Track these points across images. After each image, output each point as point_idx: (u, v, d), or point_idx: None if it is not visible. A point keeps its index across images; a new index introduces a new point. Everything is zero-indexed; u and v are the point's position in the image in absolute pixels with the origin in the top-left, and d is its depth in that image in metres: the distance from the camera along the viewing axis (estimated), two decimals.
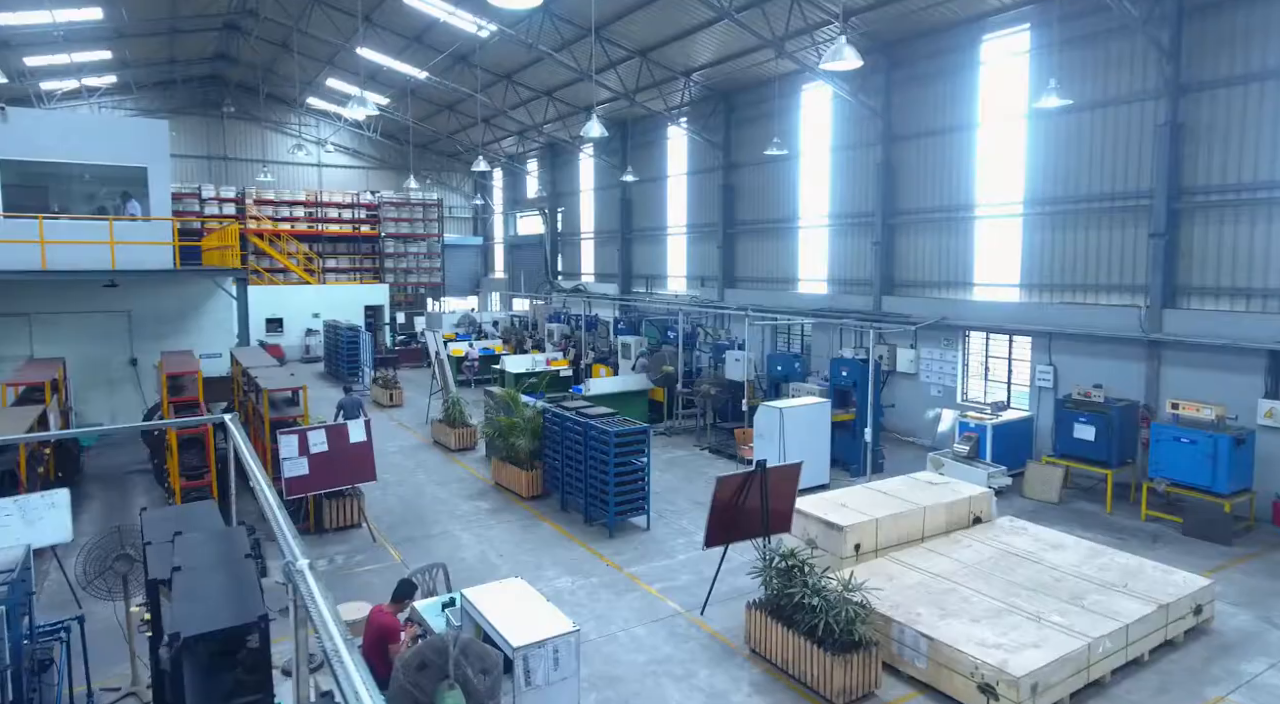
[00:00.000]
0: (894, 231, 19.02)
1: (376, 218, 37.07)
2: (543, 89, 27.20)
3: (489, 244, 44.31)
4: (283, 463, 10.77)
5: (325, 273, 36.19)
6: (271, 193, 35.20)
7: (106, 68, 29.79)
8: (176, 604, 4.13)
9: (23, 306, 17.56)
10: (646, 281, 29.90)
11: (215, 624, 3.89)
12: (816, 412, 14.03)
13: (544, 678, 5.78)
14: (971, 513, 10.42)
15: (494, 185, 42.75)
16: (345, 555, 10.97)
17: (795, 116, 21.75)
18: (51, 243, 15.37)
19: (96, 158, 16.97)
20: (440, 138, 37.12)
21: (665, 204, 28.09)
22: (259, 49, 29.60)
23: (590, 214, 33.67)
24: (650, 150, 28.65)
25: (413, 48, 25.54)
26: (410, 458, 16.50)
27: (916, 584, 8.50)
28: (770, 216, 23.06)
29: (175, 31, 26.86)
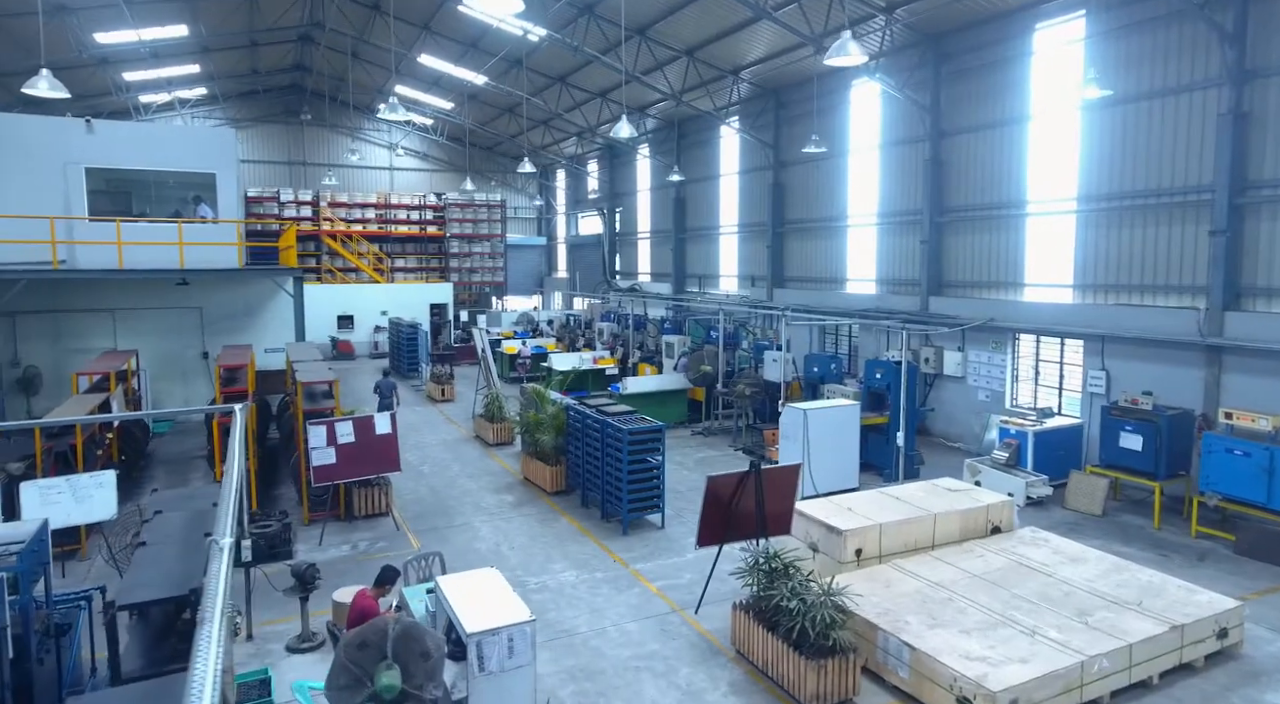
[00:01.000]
0: (942, 230, 18.41)
1: (442, 219, 38.29)
2: (596, 91, 27.53)
3: (552, 244, 45.10)
4: (311, 452, 11.34)
5: (394, 272, 37.66)
6: (345, 195, 36.87)
7: (195, 80, 31.89)
8: (127, 576, 4.49)
9: (107, 303, 19.04)
10: (699, 281, 29.85)
11: (150, 595, 4.21)
12: (844, 414, 13.75)
13: (498, 665, 5.95)
14: (990, 522, 10.03)
15: (557, 186, 43.51)
16: (369, 542, 11.47)
17: (844, 113, 21.31)
18: (128, 244, 16.62)
19: (170, 165, 18.25)
20: (503, 140, 38.05)
21: (717, 203, 27.99)
22: (330, 59, 31.07)
23: (647, 214, 33.86)
24: (703, 150, 28.59)
25: (470, 53, 26.30)
26: (449, 451, 17.04)
27: (913, 592, 8.27)
28: (819, 215, 22.67)
29: (254, 44, 28.52)
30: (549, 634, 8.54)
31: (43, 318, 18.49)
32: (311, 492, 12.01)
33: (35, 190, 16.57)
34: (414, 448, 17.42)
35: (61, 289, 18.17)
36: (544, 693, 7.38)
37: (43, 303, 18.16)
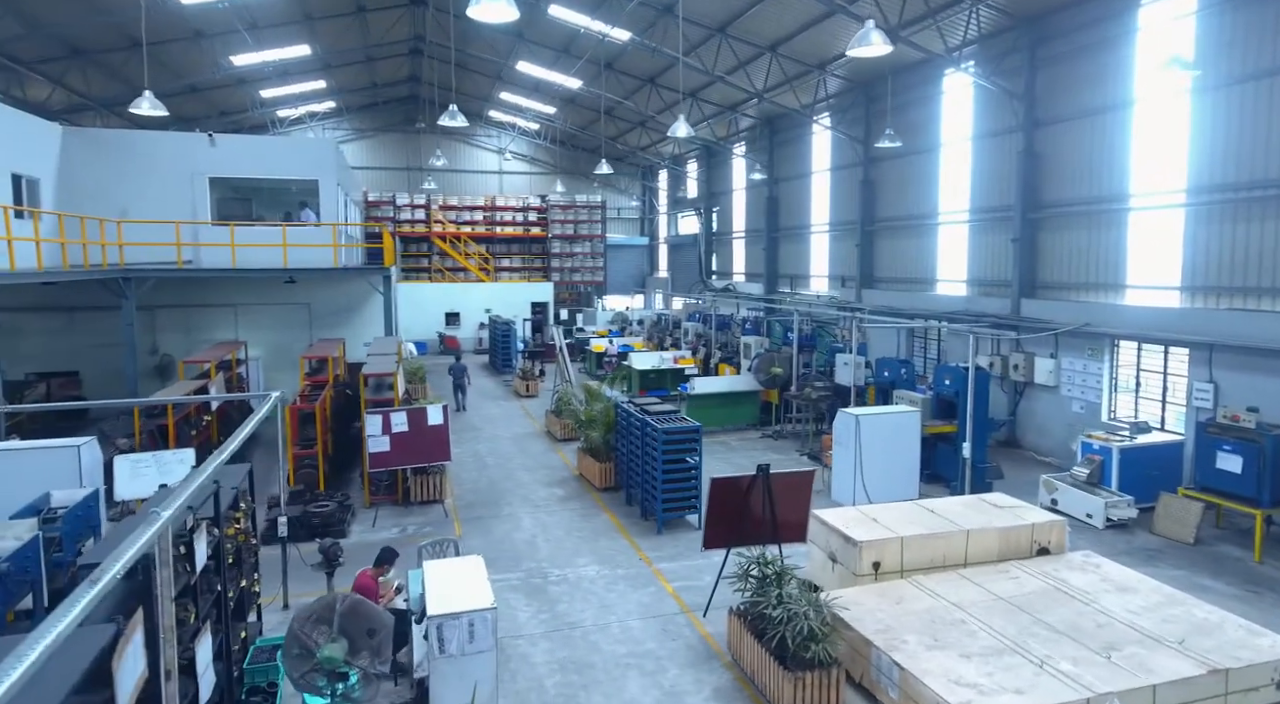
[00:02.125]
0: (1036, 227, 17.11)
1: (545, 220, 39.52)
2: (685, 91, 27.51)
3: (654, 244, 45.48)
4: (367, 439, 12.12)
5: (498, 271, 39.29)
6: (455, 199, 38.83)
7: (323, 95, 34.60)
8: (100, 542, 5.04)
9: (230, 299, 21.04)
10: (790, 281, 29.24)
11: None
12: (903, 421, 13.11)
13: (458, 648, 6.18)
14: (1035, 542, 9.29)
15: (659, 186, 43.83)
16: (417, 526, 12.12)
17: (935, 105, 20.24)
18: (241, 246, 18.33)
19: (280, 173, 19.96)
20: (604, 143, 38.76)
21: (809, 202, 27.30)
22: (438, 70, 32.81)
23: (742, 213, 33.52)
24: (794, 147, 27.97)
25: (562, 58, 27.01)
26: (517, 444, 17.65)
27: (924, 610, 7.82)
28: (909, 213, 21.64)
29: (370, 59, 30.60)
30: (553, 625, 8.74)
31: (176, 311, 20.69)
32: (373, 477, 12.83)
33: (167, 198, 18.59)
34: (486, 440, 18.20)
35: (191, 286, 20.24)
36: (530, 680, 7.58)
37: (176, 298, 20.32)
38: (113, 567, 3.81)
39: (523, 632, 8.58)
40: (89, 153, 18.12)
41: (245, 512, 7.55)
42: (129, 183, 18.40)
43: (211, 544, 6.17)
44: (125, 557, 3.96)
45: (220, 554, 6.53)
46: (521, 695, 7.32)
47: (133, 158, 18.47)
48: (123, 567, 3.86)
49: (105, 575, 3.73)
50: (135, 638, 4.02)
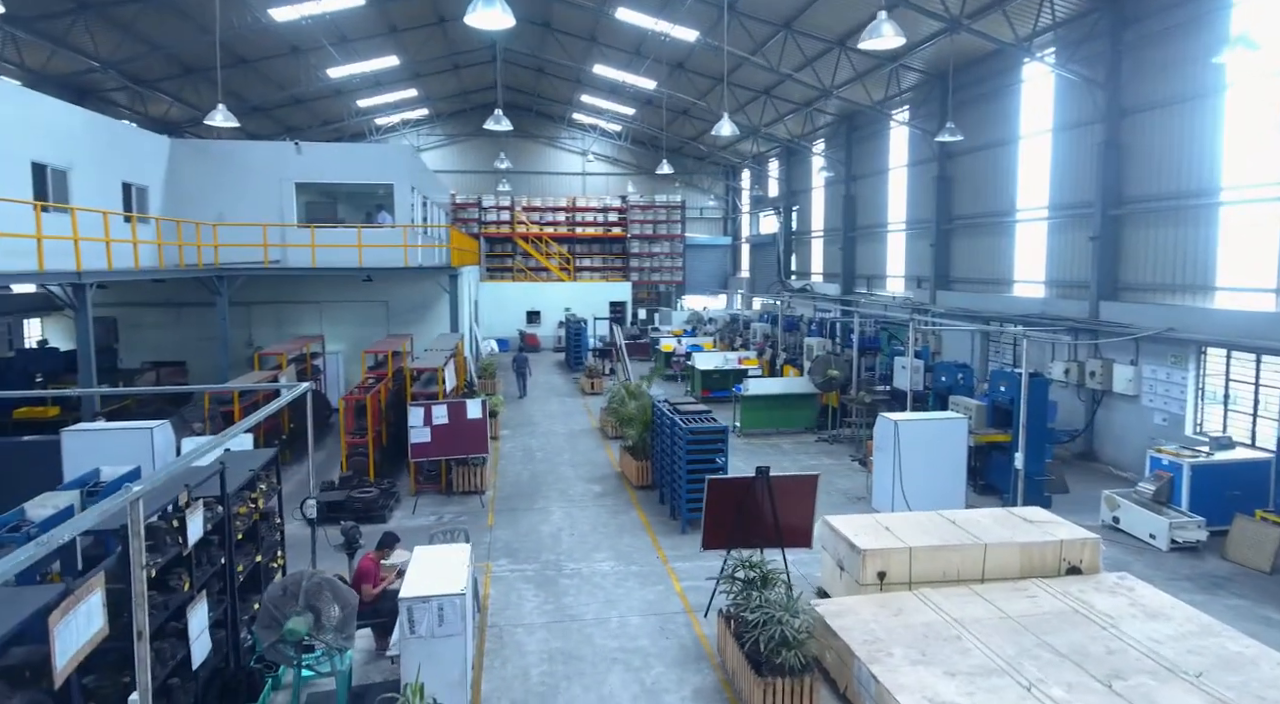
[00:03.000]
0: (1117, 224, 15.93)
1: (625, 220, 39.95)
2: (759, 88, 27.21)
3: (737, 243, 45.11)
4: (409, 430, 12.73)
5: (579, 271, 40.05)
6: (539, 200, 39.87)
7: (416, 103, 36.34)
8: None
9: (315, 296, 22.48)
10: (867, 282, 28.37)
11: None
12: (947, 428, 12.53)
13: (428, 630, 6.45)
14: (1064, 560, 8.71)
15: (741, 186, 43.44)
16: (454, 514, 12.62)
17: (1013, 96, 19.16)
18: (320, 246, 19.56)
19: (358, 177, 21.16)
20: (685, 142, 38.79)
21: (885, 200, 26.40)
22: (520, 76, 33.82)
23: (820, 212, 32.78)
24: (871, 143, 27.10)
25: (635, 60, 27.26)
26: (569, 440, 18.00)
27: (922, 624, 7.50)
28: (986, 210, 20.58)
29: (457, 67, 31.88)
30: (555, 617, 8.93)
31: (269, 307, 22.30)
32: (418, 466, 13.45)
33: (259, 203, 20.07)
34: (541, 434, 18.67)
35: (281, 284, 21.76)
36: (518, 669, 7.80)
37: (269, 295, 21.92)
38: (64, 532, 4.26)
39: (524, 621, 8.82)
40: (192, 162, 19.82)
41: (263, 493, 8.13)
42: (226, 189, 19.98)
43: (213, 521, 6.70)
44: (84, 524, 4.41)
45: (228, 530, 7.08)
46: (506, 682, 7.54)
47: (229, 166, 20.06)
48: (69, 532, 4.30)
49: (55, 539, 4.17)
50: (90, 599, 4.47)
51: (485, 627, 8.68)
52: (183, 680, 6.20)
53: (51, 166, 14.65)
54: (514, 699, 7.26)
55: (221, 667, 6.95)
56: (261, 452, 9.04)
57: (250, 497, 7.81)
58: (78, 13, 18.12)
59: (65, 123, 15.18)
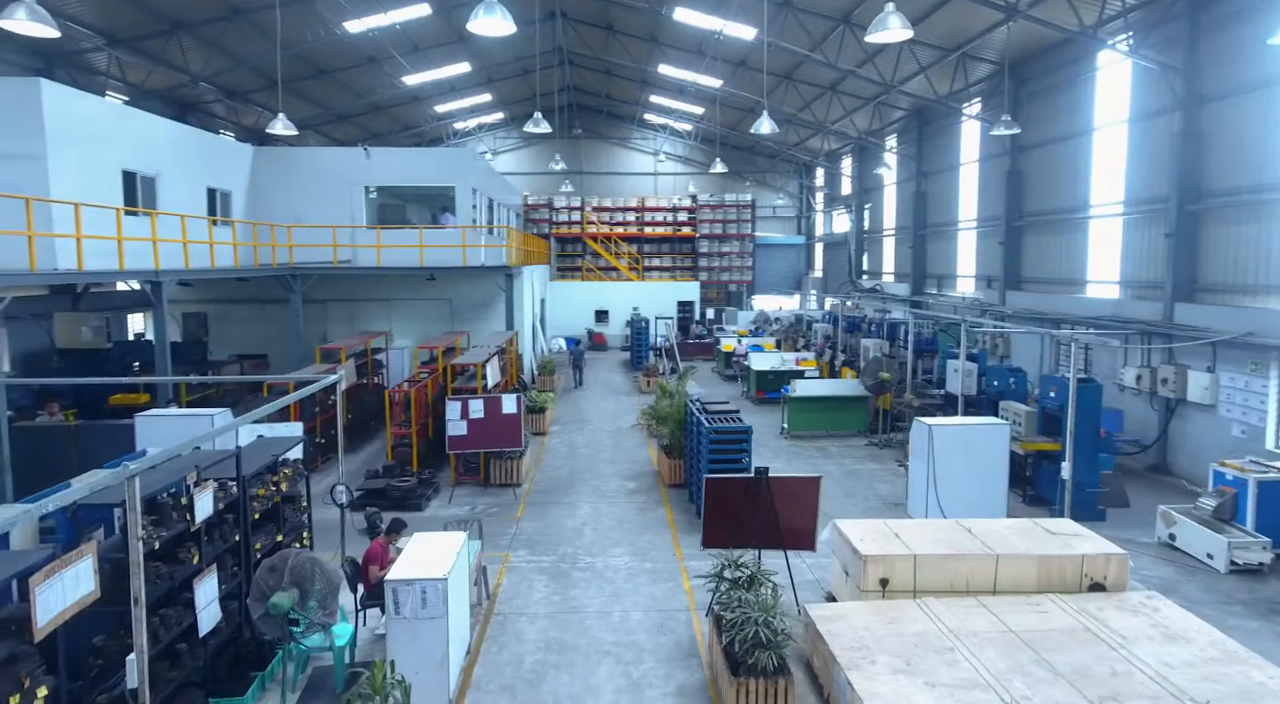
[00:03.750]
0: (1195, 220, 14.84)
1: (694, 220, 39.90)
2: (824, 84, 26.68)
3: (810, 243, 44.32)
4: (447, 423, 13.23)
5: (647, 271, 40.28)
6: (610, 200, 40.35)
7: (491, 108, 37.46)
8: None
9: (384, 294, 23.59)
10: (938, 282, 27.37)
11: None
12: (986, 434, 12.01)
13: (411, 612, 6.75)
14: (1086, 575, 8.24)
15: (816, 184, 42.64)
16: (486, 506, 13.04)
17: (1088, 85, 18.09)
18: (386, 246, 20.52)
19: (423, 181, 22.07)
20: (756, 140, 38.40)
21: (956, 197, 25.40)
22: (590, 78, 34.31)
23: (892, 210, 31.83)
24: (942, 138, 26.13)
25: (697, 59, 27.24)
26: (615, 437, 18.22)
27: (916, 633, 7.28)
28: (1058, 207, 19.52)
29: (527, 72, 32.66)
30: (560, 608, 9.13)
31: (342, 305, 23.55)
32: (458, 458, 13.96)
33: (332, 206, 21.22)
34: (590, 431, 18.98)
35: (353, 282, 22.93)
36: (513, 655, 8.04)
37: (342, 293, 23.15)
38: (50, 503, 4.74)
39: (529, 610, 9.07)
40: (272, 168, 21.15)
41: (285, 477, 8.68)
42: (302, 193, 21.22)
43: (226, 501, 7.23)
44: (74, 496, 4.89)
45: (243, 510, 7.62)
46: (498, 667, 7.79)
47: (305, 171, 21.30)
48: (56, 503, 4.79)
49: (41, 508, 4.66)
50: (80, 565, 4.96)
51: (491, 614, 8.97)
52: (190, 646, 6.74)
53: (140, 174, 15.99)
54: (503, 684, 7.49)
55: (234, 637, 7.50)
56: (288, 438, 9.63)
57: (271, 479, 8.36)
58: (171, 32, 19.68)
59: (154, 133, 16.53)
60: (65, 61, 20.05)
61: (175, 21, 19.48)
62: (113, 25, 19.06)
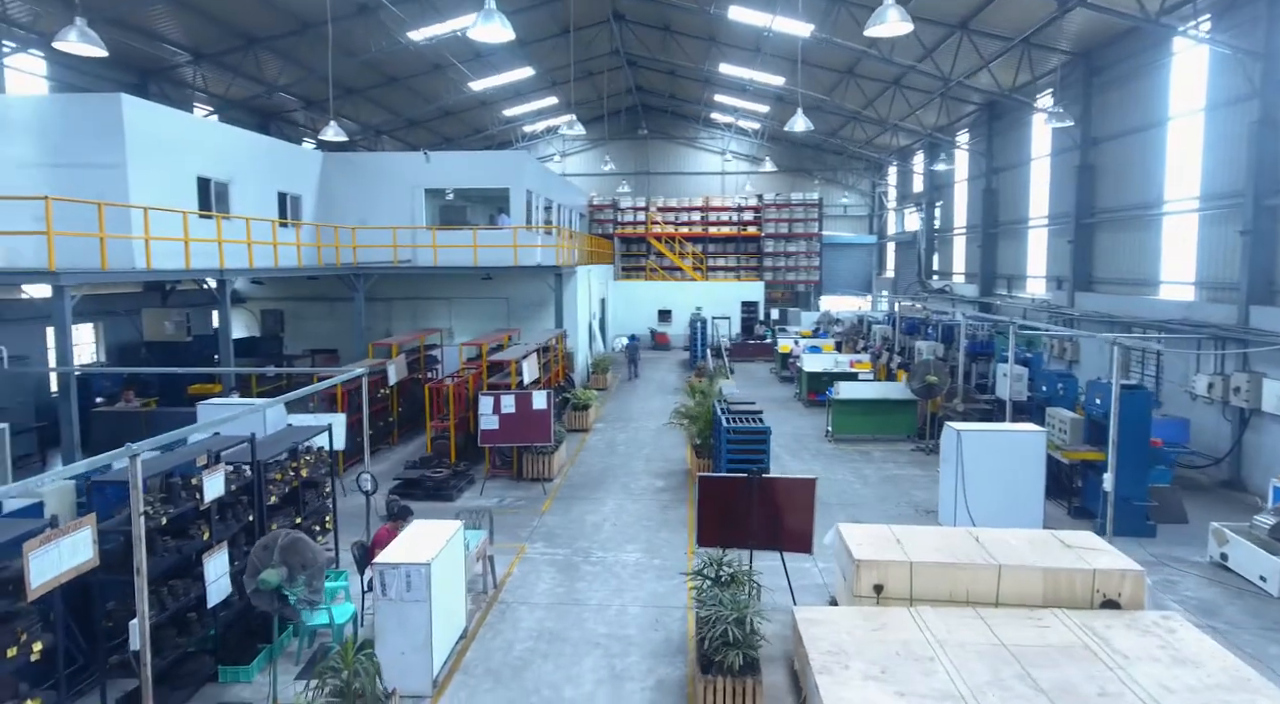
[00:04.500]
0: (1274, 216, 13.73)
1: (760, 219, 39.50)
2: (886, 79, 25.94)
3: (883, 242, 43.14)
4: (480, 417, 13.67)
5: (711, 271, 40.15)
6: (675, 200, 40.43)
7: (558, 110, 38.15)
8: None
9: (444, 293, 24.45)
10: (1008, 283, 26.20)
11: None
12: (1020, 441, 11.49)
13: (397, 594, 7.09)
14: (1099, 591, 7.82)
15: (888, 182, 41.47)
16: (514, 499, 13.41)
17: (1162, 73, 16.98)
18: (442, 246, 21.28)
19: (479, 183, 22.80)
20: (825, 137, 37.70)
21: (1027, 193, 24.26)
22: (653, 78, 34.48)
23: (963, 208, 30.64)
24: (1013, 133, 24.99)
25: (757, 57, 27.00)
26: (656, 435, 18.33)
27: (899, 641, 7.10)
28: (1130, 203, 18.40)
29: (590, 74, 33.15)
30: (561, 600, 9.34)
31: (406, 303, 24.56)
32: (493, 451, 14.40)
33: (394, 207, 22.19)
34: (632, 429, 19.16)
35: (417, 281, 23.87)
36: (504, 642, 8.29)
37: (405, 292, 24.15)
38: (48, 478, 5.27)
39: (531, 600, 9.31)
40: (340, 172, 22.30)
41: (307, 463, 9.22)
42: (367, 195, 22.29)
43: (238, 483, 7.77)
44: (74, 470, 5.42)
45: (259, 492, 8.16)
46: (489, 653, 8.05)
47: (370, 175, 22.35)
48: (55, 477, 5.31)
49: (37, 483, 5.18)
50: (78, 535, 5.47)
51: (495, 601, 9.27)
52: (200, 616, 7.28)
53: (214, 180, 17.20)
54: (490, 668, 7.75)
55: (247, 611, 8.04)
56: (313, 427, 10.21)
57: (290, 465, 8.91)
58: (247, 47, 21.04)
59: (226, 142, 17.74)
60: (159, 77, 21.74)
61: (250, 37, 20.82)
62: (197, 42, 20.54)
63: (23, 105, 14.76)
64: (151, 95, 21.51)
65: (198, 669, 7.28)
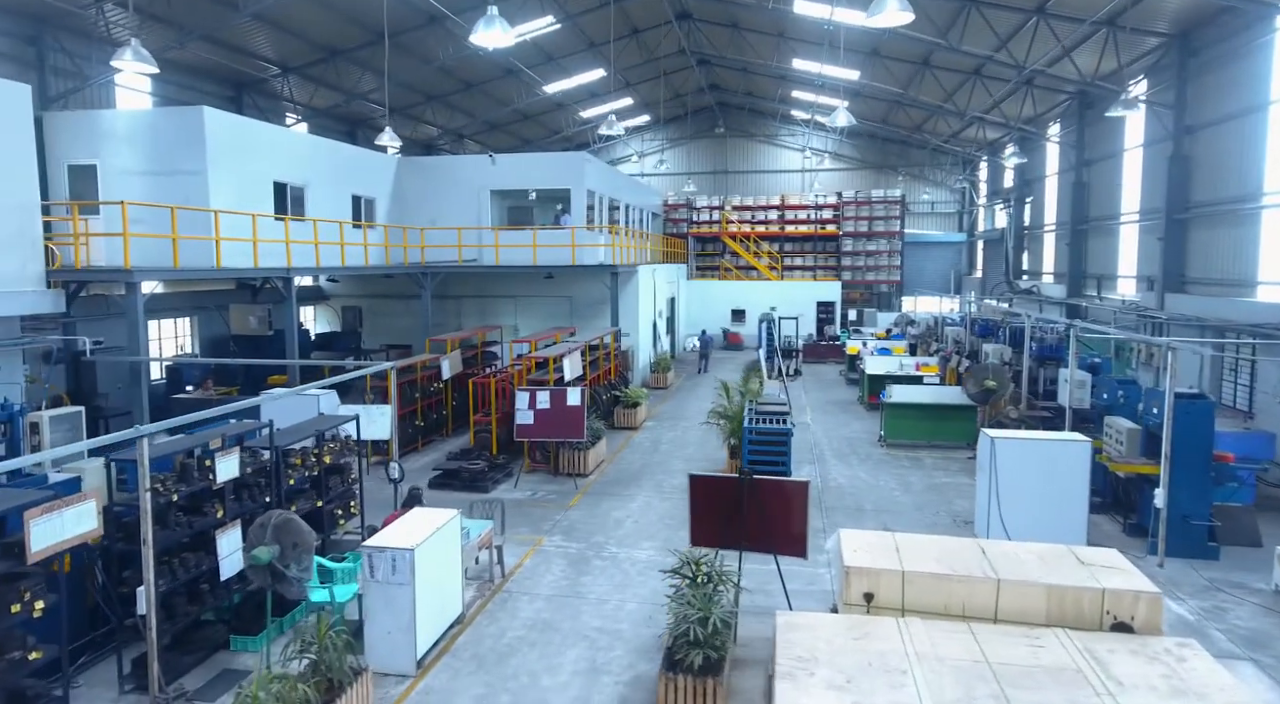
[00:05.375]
0: None
1: (839, 217, 38.51)
2: (967, 70, 24.78)
3: (973, 240, 41.21)
4: (515, 412, 14.06)
5: (787, 270, 39.47)
6: (752, 199, 39.99)
7: (634, 111, 38.49)
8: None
9: (511, 291, 25.17)
10: (1097, 283, 24.53)
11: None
12: (1062, 451, 10.81)
13: (384, 576, 7.45)
14: (1109, 613, 7.29)
15: (979, 178, 39.57)
16: (546, 493, 13.71)
17: (1264, 53, 15.49)
18: (504, 246, 21.96)
19: (541, 184, 23.34)
20: (908, 133, 36.37)
21: (1118, 187, 22.66)
22: (727, 76, 34.21)
23: (1054, 204, 28.88)
24: (1105, 123, 23.33)
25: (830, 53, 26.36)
26: (702, 433, 18.24)
27: (877, 652, 6.86)
28: (1226, 196, 16.90)
29: (665, 73, 33.23)
30: (564, 592, 9.53)
31: (475, 301, 25.45)
32: (532, 446, 14.78)
33: (462, 209, 23.05)
34: (680, 428, 19.18)
35: (485, 279, 24.69)
36: (497, 629, 8.55)
37: (474, 290, 25.04)
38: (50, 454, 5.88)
39: (534, 591, 9.54)
40: (412, 176, 23.37)
41: (330, 450, 9.79)
42: (437, 197, 23.24)
43: (252, 465, 8.36)
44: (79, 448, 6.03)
45: (278, 474, 8.74)
46: (479, 639, 8.33)
47: (440, 177, 23.31)
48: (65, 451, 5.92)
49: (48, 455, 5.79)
50: (82, 506, 6.08)
51: (500, 590, 9.55)
52: (213, 587, 7.89)
53: (290, 184, 18.41)
54: (476, 653, 8.02)
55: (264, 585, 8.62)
56: (339, 416, 10.80)
57: (312, 451, 9.49)
58: (329, 59, 22.37)
59: (302, 149, 18.95)
60: (252, 89, 23.44)
61: (331, 49, 22.12)
62: (283, 55, 22.02)
63: (125, 119, 16.30)
64: (245, 106, 23.25)
65: (211, 636, 7.89)
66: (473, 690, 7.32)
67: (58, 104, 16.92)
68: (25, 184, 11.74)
